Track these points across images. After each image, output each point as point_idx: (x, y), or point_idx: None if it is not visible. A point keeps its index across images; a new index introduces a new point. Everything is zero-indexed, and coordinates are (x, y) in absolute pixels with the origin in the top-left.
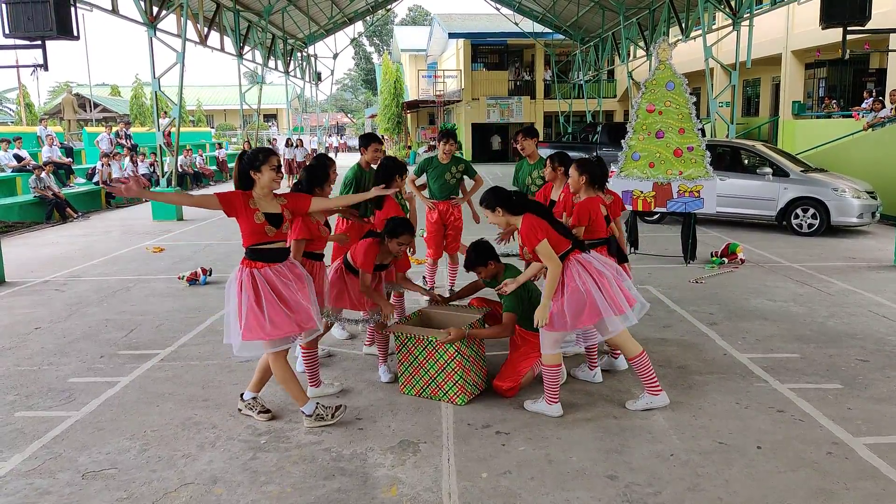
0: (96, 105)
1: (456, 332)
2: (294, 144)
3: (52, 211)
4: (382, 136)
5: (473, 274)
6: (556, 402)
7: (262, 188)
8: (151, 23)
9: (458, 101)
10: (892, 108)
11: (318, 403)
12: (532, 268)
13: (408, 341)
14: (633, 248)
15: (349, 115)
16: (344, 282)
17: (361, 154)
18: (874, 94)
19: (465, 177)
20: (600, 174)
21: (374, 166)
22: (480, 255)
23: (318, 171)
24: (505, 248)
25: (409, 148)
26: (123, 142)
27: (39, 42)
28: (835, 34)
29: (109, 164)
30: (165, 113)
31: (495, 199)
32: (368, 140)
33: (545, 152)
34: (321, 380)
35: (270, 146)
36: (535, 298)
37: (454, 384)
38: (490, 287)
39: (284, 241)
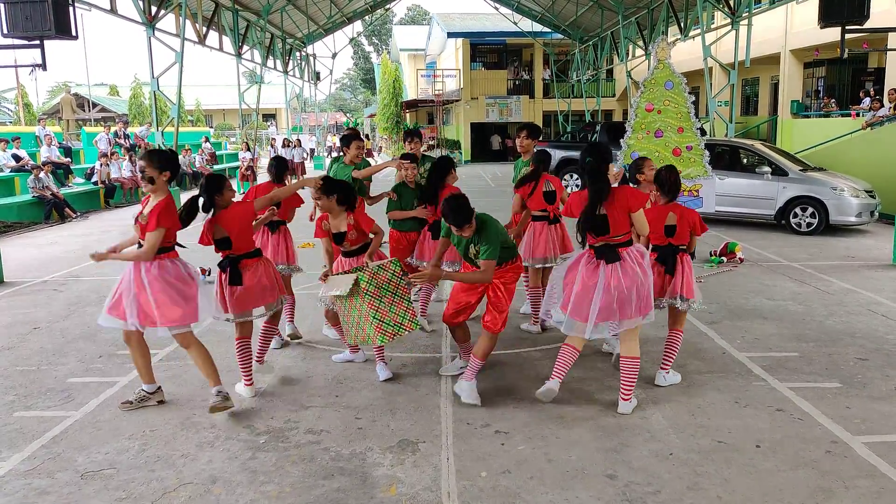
0: (95, 105)
1: (432, 272)
2: (292, 145)
3: (51, 211)
4: (381, 136)
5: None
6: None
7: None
8: (150, 22)
9: (457, 101)
10: (890, 107)
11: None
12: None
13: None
14: None
15: (348, 114)
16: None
17: (345, 153)
18: (872, 93)
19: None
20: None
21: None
22: (465, 209)
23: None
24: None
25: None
26: (122, 142)
27: (38, 42)
28: (833, 33)
29: (108, 164)
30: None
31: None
32: (350, 139)
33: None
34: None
35: (271, 146)
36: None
37: (371, 325)
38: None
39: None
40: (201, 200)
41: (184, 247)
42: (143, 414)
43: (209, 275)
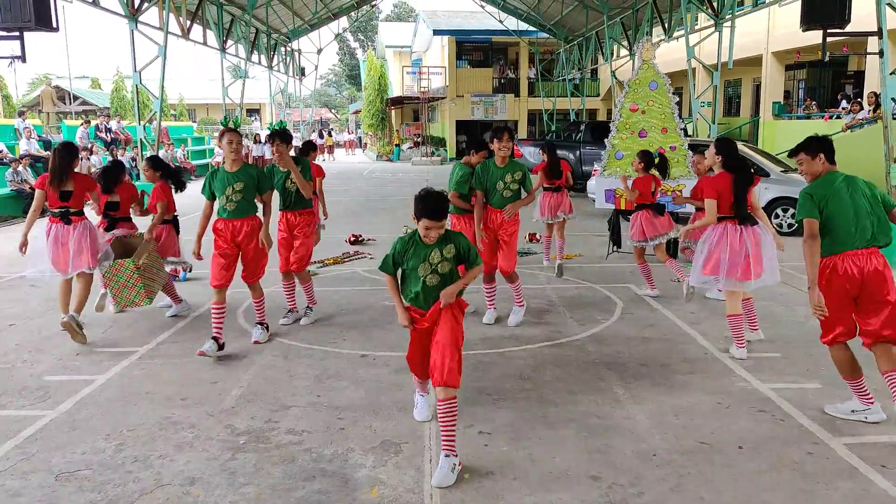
0: (76, 98)
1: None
2: (263, 141)
3: (29, 204)
4: (367, 132)
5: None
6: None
7: None
8: (133, 15)
9: (442, 98)
10: (869, 110)
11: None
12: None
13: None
14: (615, 247)
15: (333, 110)
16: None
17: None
18: (851, 96)
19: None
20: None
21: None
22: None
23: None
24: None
25: (397, 144)
26: (104, 135)
27: (17, 33)
28: (814, 36)
29: (89, 158)
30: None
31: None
32: (310, 148)
33: (528, 150)
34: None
35: (255, 140)
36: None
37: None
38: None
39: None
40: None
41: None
42: (119, 413)
43: (189, 271)
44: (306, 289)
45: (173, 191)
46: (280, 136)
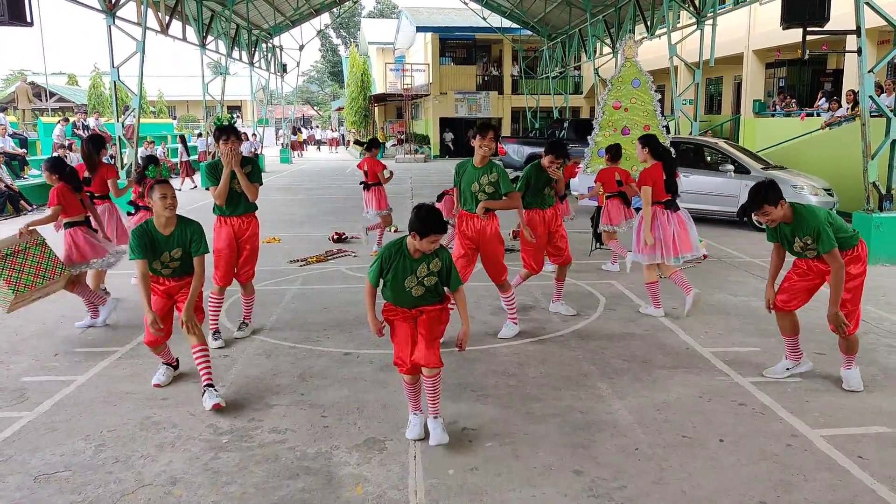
0: (52, 94)
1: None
2: (242, 139)
3: (5, 203)
4: (350, 129)
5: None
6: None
7: None
8: (110, 10)
9: (426, 95)
10: (847, 108)
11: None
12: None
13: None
14: (597, 244)
15: (316, 107)
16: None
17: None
18: (830, 94)
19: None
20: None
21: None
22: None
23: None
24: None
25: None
26: (81, 132)
27: None
28: (794, 34)
29: (66, 155)
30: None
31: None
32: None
33: (512, 147)
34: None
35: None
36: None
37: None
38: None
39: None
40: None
41: None
42: (100, 414)
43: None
44: (248, 302)
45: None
46: (234, 132)
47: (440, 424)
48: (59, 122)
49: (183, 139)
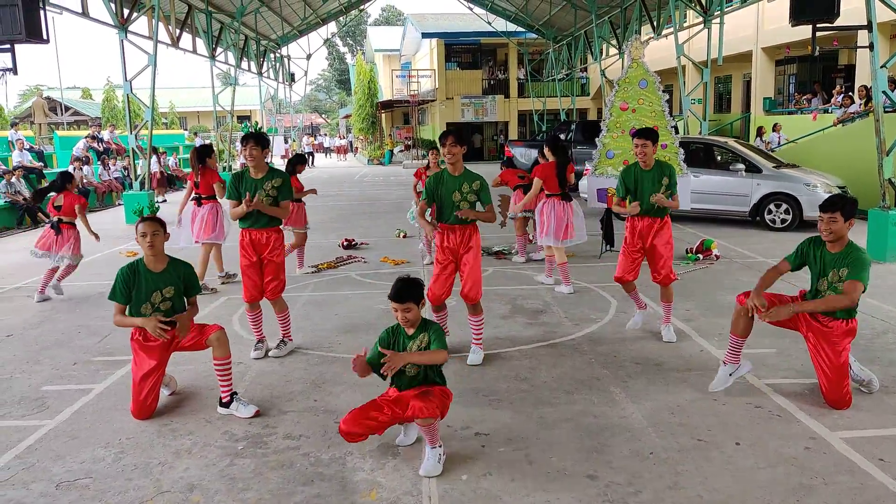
0: (67, 108)
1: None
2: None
3: (23, 216)
4: (357, 136)
5: None
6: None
7: None
8: (122, 25)
9: (432, 101)
10: (860, 104)
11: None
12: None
13: None
14: (608, 246)
15: (323, 115)
16: None
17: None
18: (843, 89)
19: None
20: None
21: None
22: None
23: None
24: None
25: (389, 149)
26: (95, 145)
27: (8, 46)
28: (804, 31)
29: (82, 168)
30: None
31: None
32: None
33: (519, 151)
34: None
35: None
36: None
37: None
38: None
39: None
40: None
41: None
42: (118, 422)
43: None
44: (282, 319)
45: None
46: (255, 137)
47: (435, 455)
48: (85, 137)
49: (155, 150)
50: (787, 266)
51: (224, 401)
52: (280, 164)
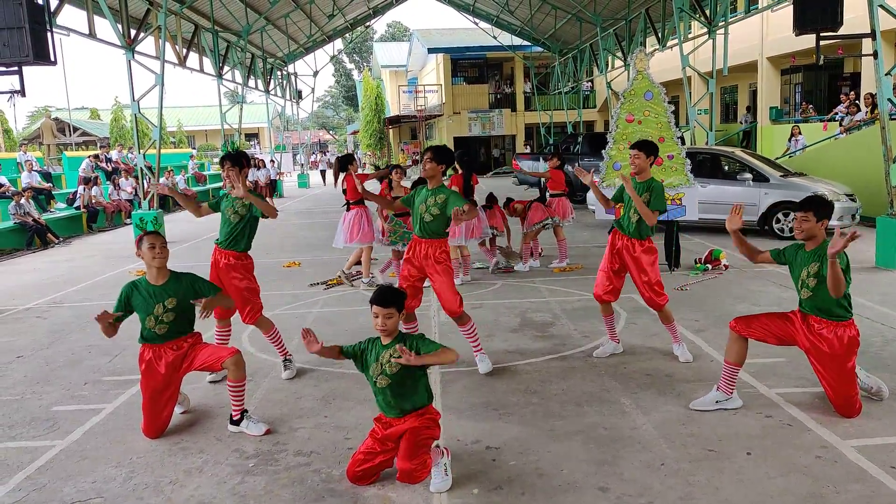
0: (76, 129)
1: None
2: (256, 166)
3: (33, 237)
4: (365, 152)
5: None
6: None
7: None
8: (129, 46)
9: (439, 116)
10: (866, 112)
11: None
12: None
13: None
14: None
15: (331, 132)
16: None
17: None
18: (852, 97)
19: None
20: None
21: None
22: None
23: None
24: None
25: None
26: (104, 165)
27: (16, 68)
28: (809, 40)
29: (91, 189)
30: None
31: None
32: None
33: (527, 164)
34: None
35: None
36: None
37: None
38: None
39: None
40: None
41: None
42: (129, 441)
43: None
44: (272, 340)
45: None
46: (232, 158)
47: (440, 469)
48: (88, 157)
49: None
50: (768, 256)
51: (235, 418)
52: (290, 180)
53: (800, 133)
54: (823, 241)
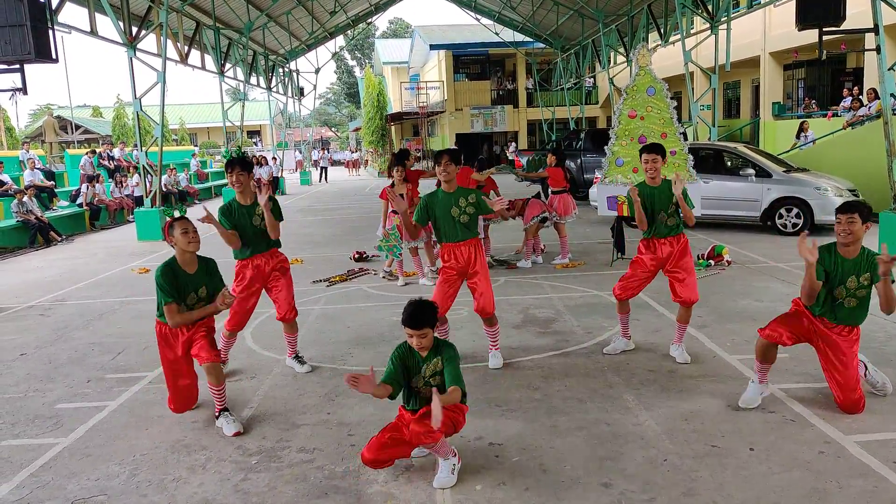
0: (78, 127)
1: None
2: (259, 163)
3: (36, 235)
4: (367, 149)
5: None
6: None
7: None
8: (131, 43)
9: (441, 112)
10: (870, 107)
11: None
12: None
13: None
14: (620, 254)
15: (333, 128)
16: None
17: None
18: (856, 92)
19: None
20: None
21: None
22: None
23: None
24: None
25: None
26: (107, 163)
27: (18, 66)
28: (811, 35)
29: (94, 186)
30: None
31: None
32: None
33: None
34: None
35: (258, 163)
36: None
37: None
38: None
39: None
40: None
41: None
42: (132, 438)
43: None
44: (292, 341)
45: None
46: (240, 163)
47: (448, 466)
48: (86, 153)
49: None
50: (818, 284)
51: (215, 413)
52: (292, 176)
53: (809, 128)
54: (862, 247)
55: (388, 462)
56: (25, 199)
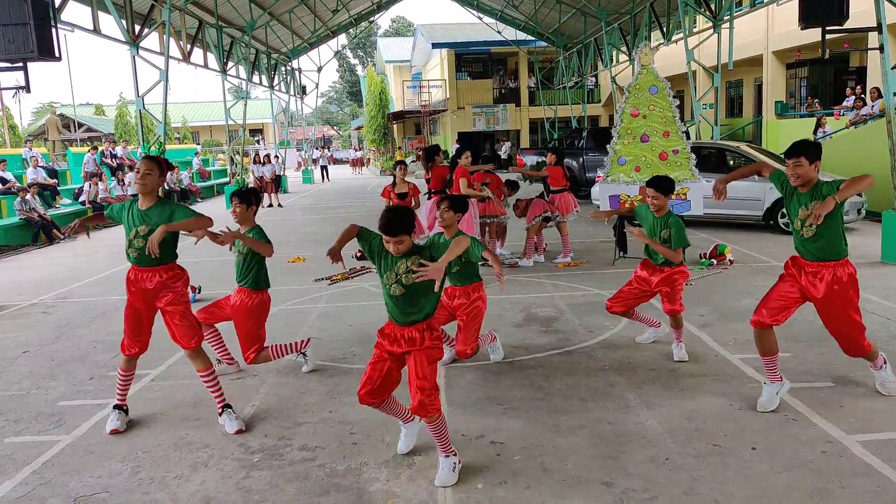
0: (81, 125)
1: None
2: (262, 161)
3: (38, 233)
4: (369, 147)
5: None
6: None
7: None
8: (134, 41)
9: (443, 111)
10: (872, 106)
11: None
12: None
13: None
14: (621, 253)
15: (335, 127)
16: None
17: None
18: (858, 91)
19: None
20: None
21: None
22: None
23: None
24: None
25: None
26: (109, 161)
27: (21, 64)
28: (814, 34)
29: (97, 184)
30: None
31: None
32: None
33: (531, 159)
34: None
35: (257, 162)
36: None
37: None
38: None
39: None
40: None
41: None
42: (135, 436)
43: (199, 292)
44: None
45: None
46: (240, 195)
47: (449, 464)
48: (88, 151)
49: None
50: (769, 171)
51: (218, 411)
52: (294, 175)
53: (826, 124)
54: (817, 182)
55: (382, 397)
56: (28, 196)
